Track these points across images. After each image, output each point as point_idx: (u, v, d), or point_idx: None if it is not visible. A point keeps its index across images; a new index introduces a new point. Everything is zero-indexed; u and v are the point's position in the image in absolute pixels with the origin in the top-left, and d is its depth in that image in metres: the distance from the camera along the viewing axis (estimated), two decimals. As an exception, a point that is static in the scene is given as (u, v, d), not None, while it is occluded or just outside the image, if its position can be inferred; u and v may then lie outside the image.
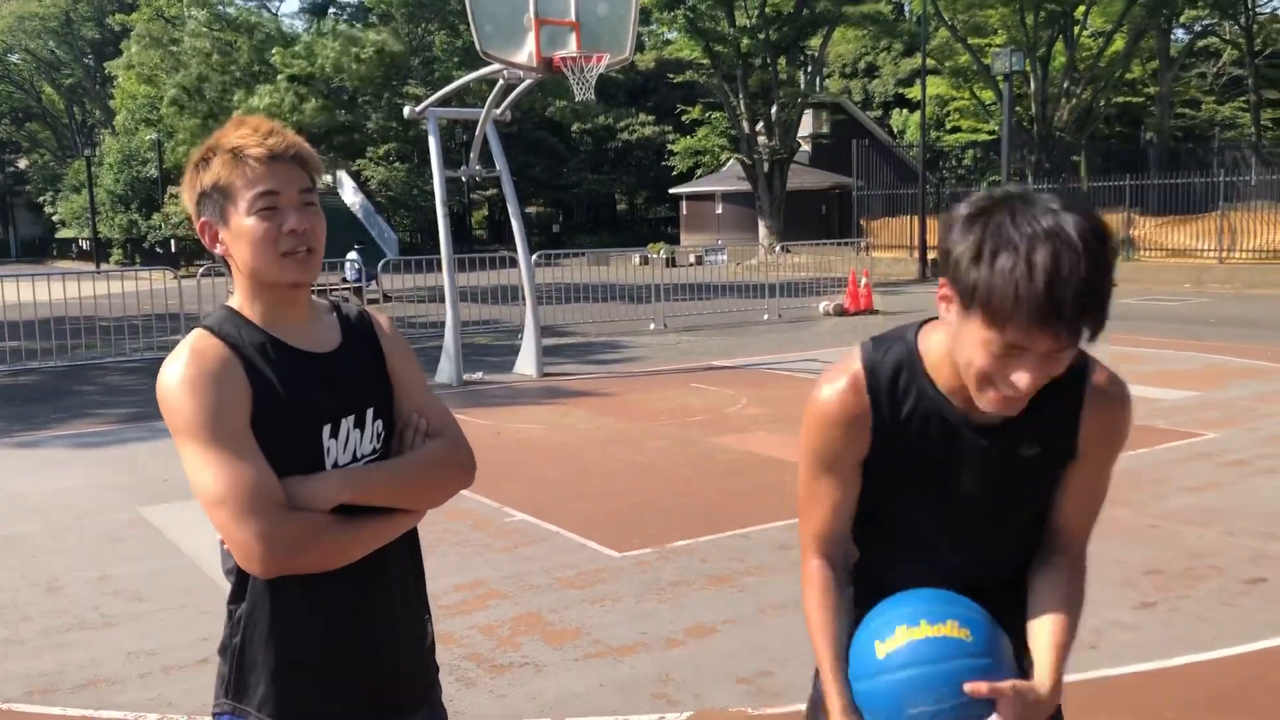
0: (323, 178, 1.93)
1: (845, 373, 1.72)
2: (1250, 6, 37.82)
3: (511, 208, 12.68)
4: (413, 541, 2.00)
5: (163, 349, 14.74)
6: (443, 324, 12.39)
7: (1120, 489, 1.73)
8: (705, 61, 33.56)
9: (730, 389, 10.88)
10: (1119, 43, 32.29)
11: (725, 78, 32.98)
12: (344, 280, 20.06)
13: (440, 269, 12.29)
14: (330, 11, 28.72)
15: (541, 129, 44.79)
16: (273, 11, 27.93)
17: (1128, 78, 35.92)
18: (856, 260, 23.83)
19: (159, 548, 6.05)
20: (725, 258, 28.01)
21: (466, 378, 12.02)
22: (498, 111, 11.92)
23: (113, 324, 15.20)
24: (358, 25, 26.59)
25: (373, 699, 1.88)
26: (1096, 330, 1.49)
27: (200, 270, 16.77)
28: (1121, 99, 36.67)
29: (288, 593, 1.79)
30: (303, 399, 1.80)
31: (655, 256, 22.05)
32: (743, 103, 32.94)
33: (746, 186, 35.74)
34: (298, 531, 1.70)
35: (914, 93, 41.96)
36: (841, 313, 18.29)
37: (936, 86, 37.42)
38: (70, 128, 64.75)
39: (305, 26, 27.80)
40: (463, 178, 12.83)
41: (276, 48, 23.67)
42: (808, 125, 39.28)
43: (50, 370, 13.86)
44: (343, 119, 23.65)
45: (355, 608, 1.85)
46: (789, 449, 8.08)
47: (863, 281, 18.70)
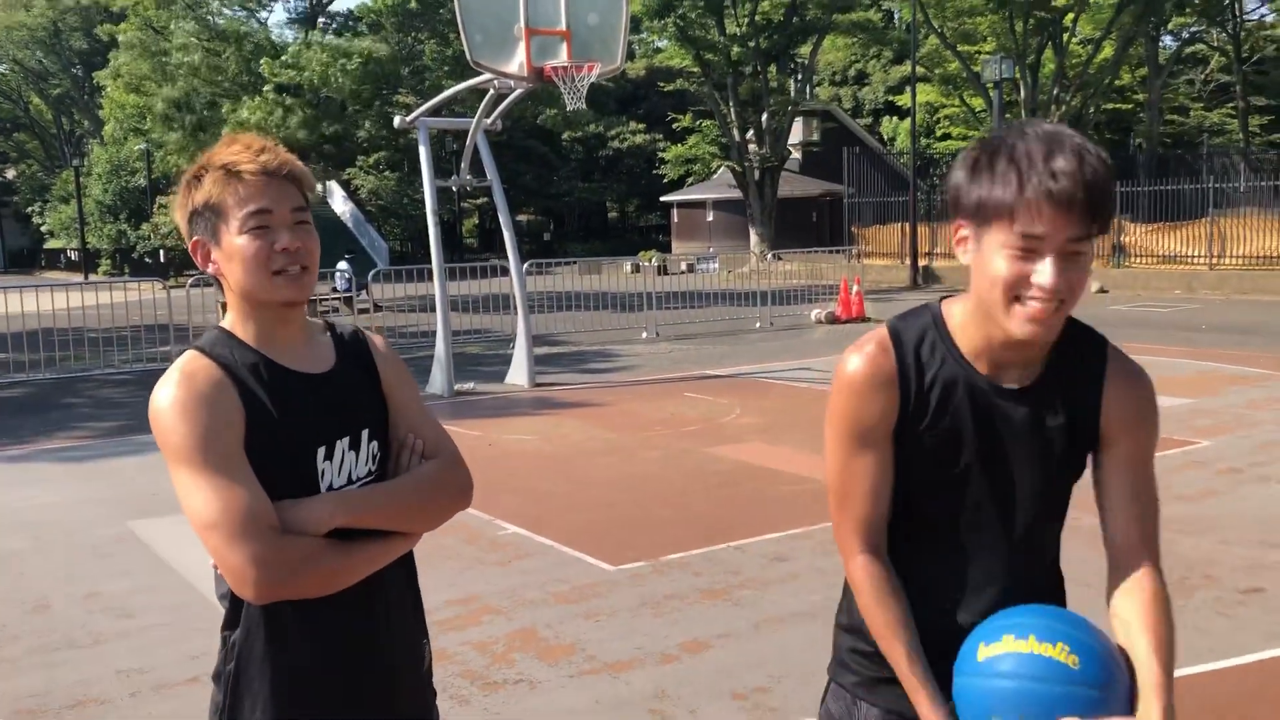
0: (315, 194, 1.90)
1: (871, 340, 1.73)
2: (1237, 14, 38.02)
3: (503, 217, 12.65)
4: (409, 564, 1.97)
5: (152, 361, 14.67)
6: (433, 333, 12.34)
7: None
8: (696, 70, 33.59)
9: (724, 398, 10.86)
10: (1108, 50, 32.38)
11: (716, 86, 33.02)
12: (334, 290, 19.99)
13: (430, 278, 12.26)
14: (320, 21, 28.63)
15: (532, 137, 44.81)
16: (261, 21, 27.81)
17: (1117, 85, 36.06)
18: (848, 268, 23.84)
19: (148, 563, 6.00)
20: (717, 266, 28.02)
21: (458, 388, 11.98)
22: (488, 121, 11.90)
23: (101, 335, 15.11)
24: (346, 35, 26.55)
25: None
26: (1103, 215, 1.53)
27: (190, 281, 16.71)
28: (1111, 106, 36.80)
29: (283, 618, 1.76)
30: (297, 421, 1.78)
31: (647, 264, 22.05)
32: (733, 110, 32.98)
33: (738, 194, 35.77)
34: (292, 556, 1.68)
35: (904, 100, 42.08)
36: (833, 321, 18.29)
37: (926, 94, 37.48)
38: (58, 138, 64.57)
39: (294, 36, 27.73)
40: (453, 187, 12.81)
41: (265, 58, 23.61)
42: (798, 133, 39.34)
43: (38, 382, 13.77)
44: (330, 131, 23.59)
45: (352, 632, 1.82)
46: (783, 459, 8.06)
47: (854, 289, 18.70)
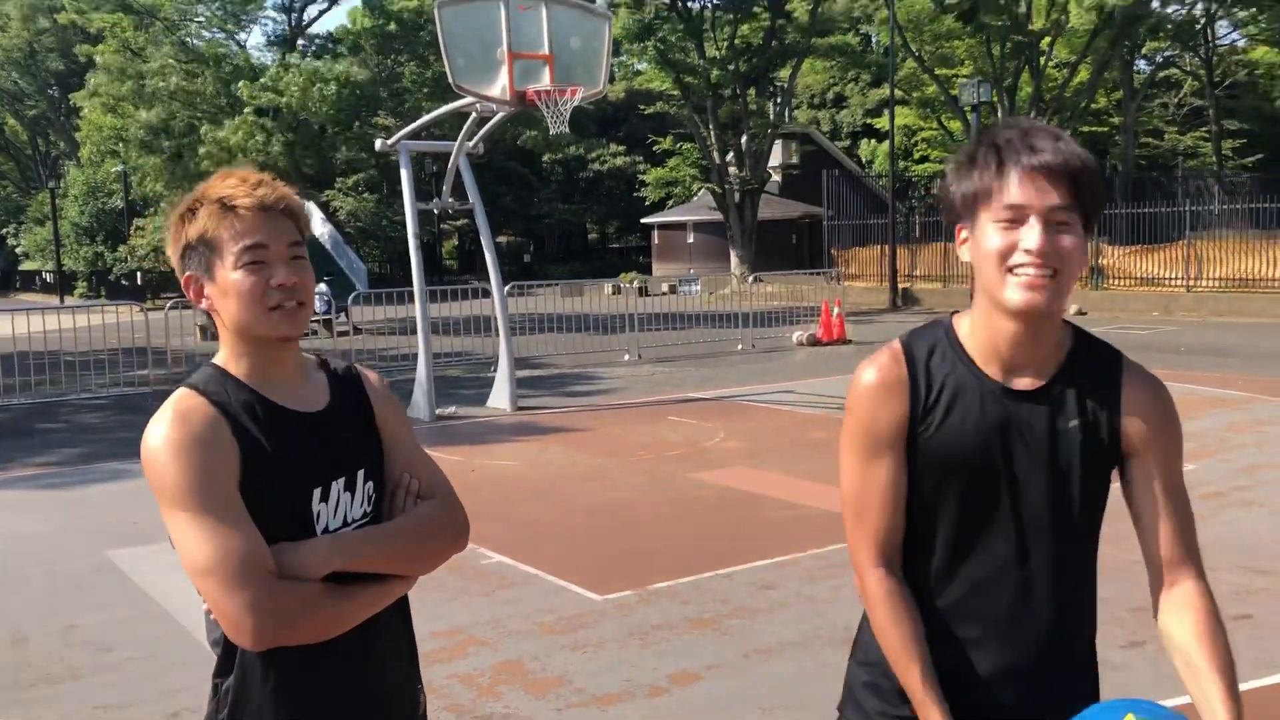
0: (310, 229, 1.86)
1: (884, 350, 1.79)
2: (1209, 39, 38.53)
3: (485, 240, 12.61)
4: (403, 608, 1.93)
5: (130, 385, 14.52)
6: (414, 356, 12.28)
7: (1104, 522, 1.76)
8: (676, 93, 33.71)
9: (707, 421, 10.83)
10: (1084, 74, 32.73)
11: (696, 108, 33.15)
12: (313, 313, 19.89)
13: (410, 300, 12.19)
14: (299, 43, 28.59)
15: (512, 159, 44.86)
16: (240, 44, 27.75)
17: (1093, 108, 36.42)
18: (828, 290, 23.91)
19: (127, 594, 5.89)
20: (699, 288, 28.06)
21: (439, 412, 11.90)
22: (471, 144, 11.88)
23: (78, 359, 14.94)
24: (326, 57, 26.51)
25: None
26: (1085, 190, 1.59)
27: (168, 304, 16.57)
28: (1087, 129, 37.14)
29: (278, 665, 1.71)
30: (292, 461, 1.74)
31: (627, 286, 22.05)
32: (713, 133, 33.11)
33: (718, 216, 35.86)
34: (289, 603, 1.63)
35: (881, 123, 42.34)
36: (815, 343, 18.31)
37: (904, 117, 37.77)
38: (34, 159, 64.14)
39: (273, 59, 27.68)
40: (435, 210, 12.75)
41: (243, 80, 23.54)
42: (777, 155, 39.51)
43: (13, 408, 13.59)
44: (309, 154, 23.53)
45: (348, 679, 1.78)
46: (768, 484, 8.02)
47: (835, 311, 18.74)
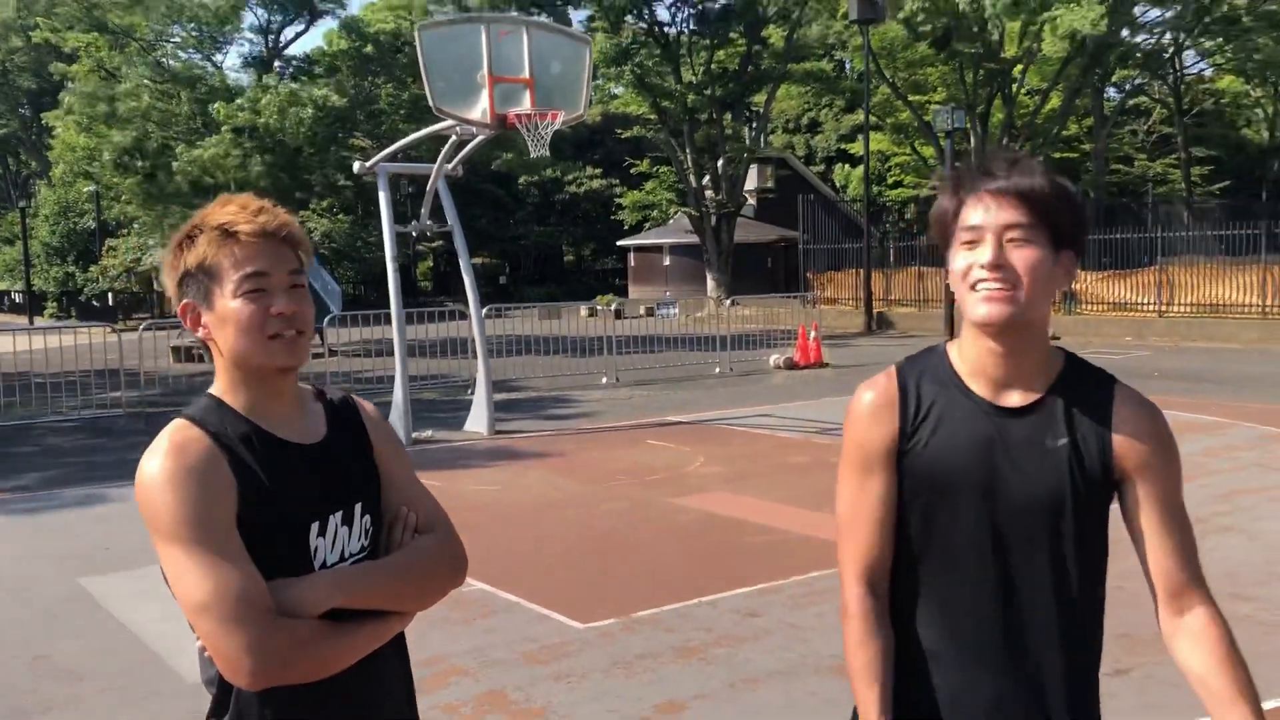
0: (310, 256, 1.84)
1: (880, 374, 1.86)
2: (1178, 68, 39.11)
3: (463, 263, 12.57)
4: (400, 645, 1.89)
5: (101, 407, 14.34)
6: (389, 378, 12.20)
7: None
8: (653, 116, 33.86)
9: (687, 446, 10.80)
10: (1055, 101, 33.15)
11: (673, 132, 33.31)
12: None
13: (385, 322, 12.12)
14: (275, 65, 28.50)
15: (488, 181, 44.83)
16: (216, 65, 27.62)
17: (1064, 135, 36.84)
18: (804, 313, 23.98)
19: (100, 622, 5.79)
20: (677, 311, 28.09)
21: (416, 436, 11.81)
22: (449, 167, 11.85)
23: (49, 381, 14.75)
24: (303, 79, 26.43)
25: None
26: (1040, 206, 1.65)
27: (142, 325, 16.40)
28: (1058, 155, 37.56)
29: (275, 705, 1.67)
30: (291, 495, 1.71)
31: (603, 309, 22.03)
32: (690, 157, 33.26)
33: (694, 239, 35.98)
34: (288, 641, 1.59)
35: (855, 148, 42.70)
36: (792, 366, 18.34)
37: (878, 142, 38.07)
38: (4, 179, 63.57)
39: (249, 81, 27.58)
40: (413, 233, 12.71)
41: (220, 101, 23.43)
42: (753, 179, 39.72)
43: (-18, 430, 13.40)
44: (285, 174, 23.42)
45: (346, 719, 1.73)
46: (750, 509, 8.00)
47: (812, 335, 18.79)
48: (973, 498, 1.72)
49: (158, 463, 1.63)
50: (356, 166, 12.23)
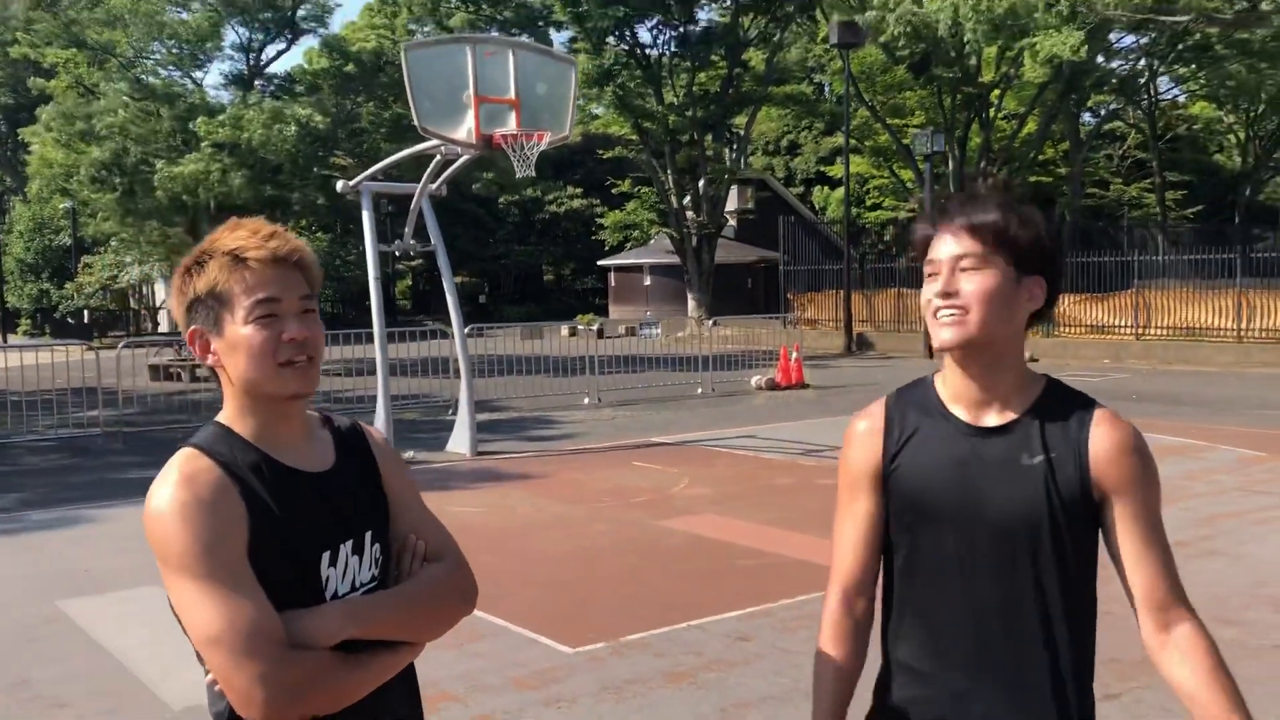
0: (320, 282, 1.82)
1: (873, 402, 1.98)
2: (1152, 93, 39.59)
3: (446, 283, 12.53)
4: (409, 676, 1.86)
5: (79, 426, 14.18)
6: (370, 398, 12.13)
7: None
8: (634, 137, 33.98)
9: (672, 467, 10.77)
10: (1032, 125, 33.48)
11: (654, 153, 33.43)
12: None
13: (365, 340, 12.05)
14: (256, 83, 28.40)
15: (468, 200, 44.82)
16: (197, 82, 27.50)
17: (1041, 159, 37.19)
18: (785, 334, 24.04)
19: (81, 646, 5.70)
20: (659, 331, 28.11)
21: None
22: (434, 186, 11.83)
23: (25, 399, 14.57)
24: (285, 98, 26.35)
25: None
26: (992, 235, 1.75)
27: (121, 343, 16.24)
28: (1035, 178, 37.92)
29: None
30: (302, 524, 1.68)
31: (584, 328, 22.02)
32: (671, 178, 33.38)
33: (675, 259, 36.06)
34: (301, 674, 1.57)
35: (834, 170, 42.93)
36: (774, 387, 18.36)
37: (857, 165, 38.31)
38: (-21, 194, 63.01)
39: (230, 98, 27.47)
40: (396, 252, 12.66)
41: (201, 117, 23.31)
42: (733, 201, 39.90)
43: (-44, 448, 13.21)
44: (267, 192, 23.31)
45: None
46: (737, 532, 7.98)
47: (794, 356, 18.83)
48: (952, 517, 1.78)
49: (168, 493, 1.60)
50: (340, 185, 12.18)
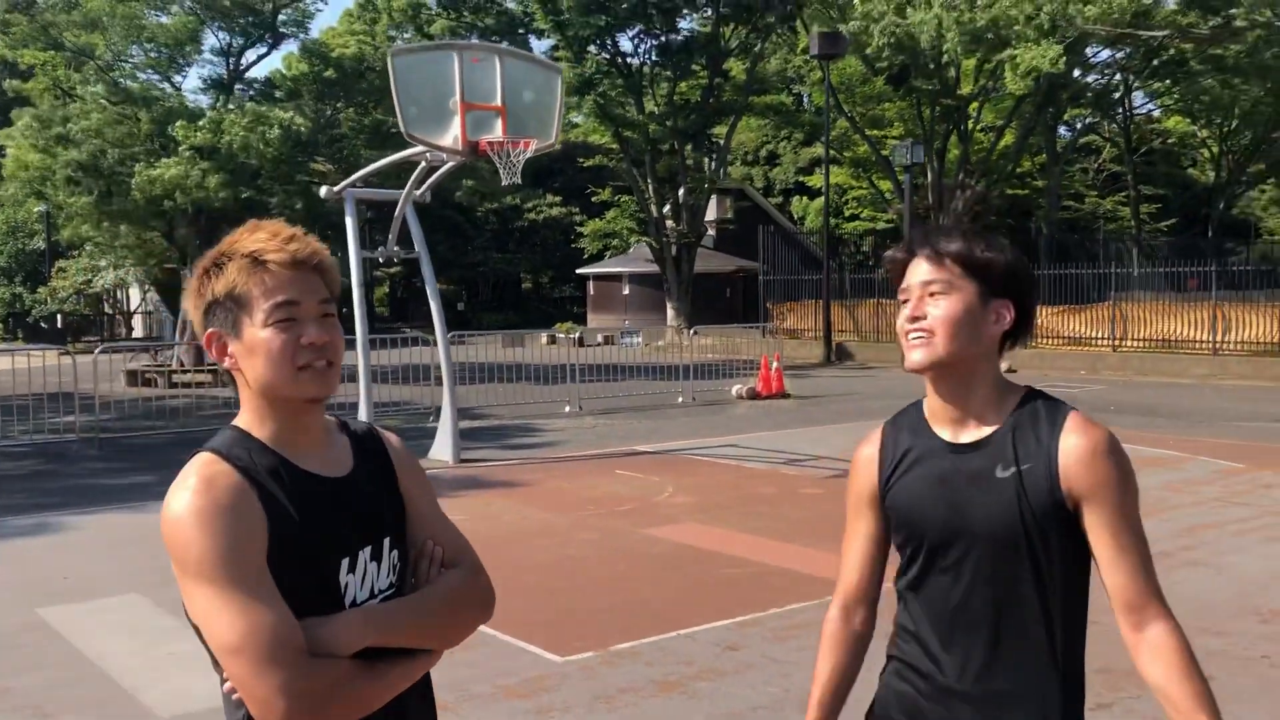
0: (340, 286, 1.80)
1: (876, 428, 2.08)
2: (1127, 107, 40.01)
3: (430, 289, 12.48)
4: (425, 687, 1.84)
5: (54, 431, 14.02)
6: (351, 405, 12.04)
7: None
8: (615, 146, 34.00)
9: (655, 476, 10.75)
10: (1009, 137, 33.74)
11: (634, 162, 33.45)
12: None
13: (346, 347, 11.96)
14: (236, 88, 28.24)
15: (447, 207, 44.70)
16: (176, 86, 27.31)
17: (1018, 171, 37.49)
18: (764, 344, 24.09)
19: (62, 654, 5.62)
20: (640, 340, 28.09)
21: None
22: (418, 193, 11.79)
23: (-1, 404, 14.42)
24: (266, 103, 26.21)
25: None
26: (954, 262, 1.86)
27: (99, 348, 16.08)
28: (1012, 191, 38.22)
29: None
30: (321, 530, 1.66)
31: (563, 337, 21.99)
32: (651, 187, 33.41)
33: (653, 268, 36.07)
34: (322, 684, 1.55)
35: (813, 180, 43.13)
36: (754, 396, 18.39)
37: (836, 176, 38.49)
38: (-49, 196, 62.33)
39: (210, 103, 27.29)
40: (380, 258, 12.59)
41: (180, 121, 23.14)
42: (712, 210, 39.97)
43: (-71, 454, 13.04)
44: (247, 195, 23.17)
45: None
46: (722, 541, 7.97)
47: (774, 366, 18.87)
48: (940, 531, 1.86)
49: (186, 498, 1.57)
50: (324, 191, 12.12)
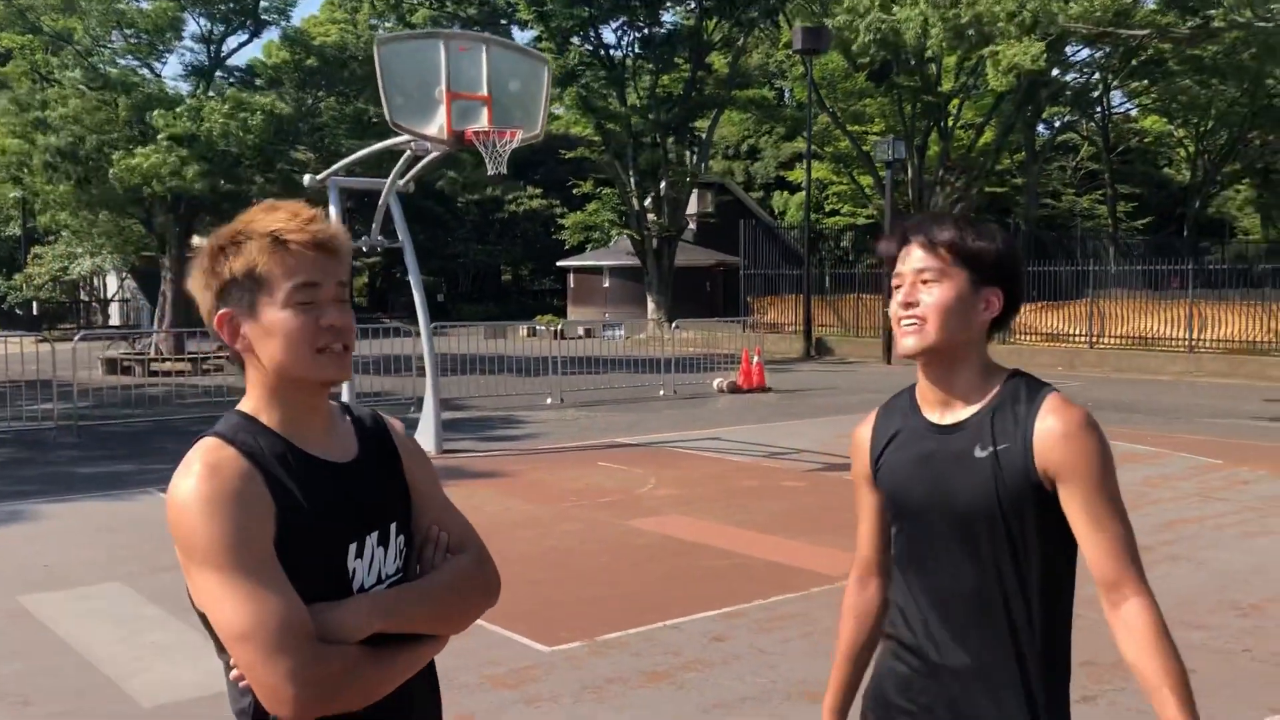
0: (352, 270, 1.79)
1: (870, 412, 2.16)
2: (1105, 107, 40.26)
3: (414, 280, 12.44)
4: (430, 673, 1.83)
5: (32, 419, 13.89)
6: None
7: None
8: (597, 138, 33.93)
9: (638, 468, 10.76)
10: (989, 135, 33.89)
11: (616, 155, 33.39)
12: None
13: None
14: (217, 75, 27.96)
15: (428, 197, 44.47)
16: (155, 73, 27.02)
17: (997, 169, 37.67)
18: (745, 338, 24.13)
19: (44, 643, 5.58)
20: (623, 333, 28.07)
21: (362, 454, 11.61)
22: (402, 182, 11.74)
23: (-26, 392, 14.25)
24: (248, 91, 25.97)
25: None
26: (945, 250, 1.90)
27: (77, 336, 15.93)
28: (991, 188, 38.39)
29: None
30: (328, 516, 1.64)
31: (544, 329, 21.96)
32: (633, 180, 33.36)
33: (634, 261, 36.03)
34: (331, 670, 1.54)
35: (794, 175, 43.15)
36: (735, 390, 18.43)
37: (817, 171, 38.50)
38: (-76, 181, 61.59)
39: (190, 90, 27.02)
40: (364, 248, 12.53)
41: (158, 109, 22.90)
42: (693, 204, 39.96)
43: (-97, 441, 12.89)
44: (225, 188, 22.95)
45: None
46: (706, 533, 7.99)
47: (755, 359, 18.90)
48: (924, 510, 1.93)
49: (192, 484, 1.55)
50: (308, 179, 12.03)
